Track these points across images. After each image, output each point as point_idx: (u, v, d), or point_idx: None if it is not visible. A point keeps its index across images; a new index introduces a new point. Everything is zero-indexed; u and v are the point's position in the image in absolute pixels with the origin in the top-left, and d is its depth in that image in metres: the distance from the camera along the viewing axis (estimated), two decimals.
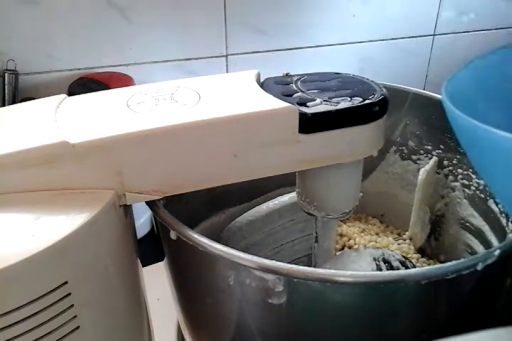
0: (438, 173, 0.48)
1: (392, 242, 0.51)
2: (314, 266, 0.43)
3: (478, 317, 0.35)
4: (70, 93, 0.55)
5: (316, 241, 0.42)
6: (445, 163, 0.47)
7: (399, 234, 0.54)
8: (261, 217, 0.46)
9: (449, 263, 0.28)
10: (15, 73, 0.59)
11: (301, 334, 0.32)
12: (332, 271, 0.28)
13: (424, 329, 0.32)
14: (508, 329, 0.26)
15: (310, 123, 0.31)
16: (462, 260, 0.28)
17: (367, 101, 0.32)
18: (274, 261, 0.28)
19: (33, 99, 0.35)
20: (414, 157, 0.50)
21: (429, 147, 0.48)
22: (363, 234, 0.53)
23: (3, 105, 0.58)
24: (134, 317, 0.34)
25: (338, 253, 0.49)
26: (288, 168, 0.33)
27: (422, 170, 0.47)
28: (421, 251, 0.51)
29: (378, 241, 0.52)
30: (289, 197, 0.46)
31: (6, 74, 0.58)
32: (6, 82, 0.58)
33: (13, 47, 0.59)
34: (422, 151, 0.49)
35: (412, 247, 0.51)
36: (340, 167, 0.34)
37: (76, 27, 0.61)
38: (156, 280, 0.39)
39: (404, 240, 0.52)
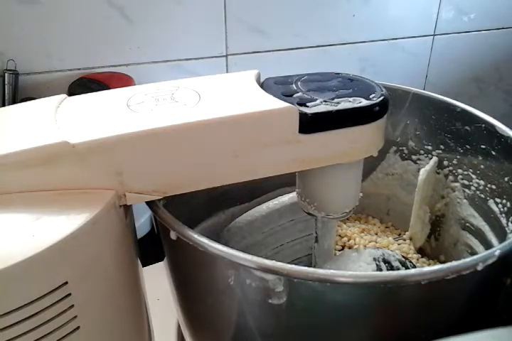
0: (438, 173, 0.48)
1: (392, 242, 0.51)
2: (314, 266, 0.43)
3: (478, 317, 0.35)
4: (70, 93, 0.55)
5: (316, 241, 0.42)
6: (445, 163, 0.47)
7: (399, 234, 0.54)
8: (261, 216, 0.46)
9: (449, 264, 0.28)
10: (15, 73, 0.59)
11: (301, 334, 0.32)
12: (332, 271, 0.28)
13: (424, 330, 0.32)
14: (508, 329, 0.26)
15: (310, 124, 0.31)
16: (462, 260, 0.28)
17: (367, 102, 0.32)
18: (274, 261, 0.28)
19: (33, 99, 0.35)
20: (414, 157, 0.50)
21: (429, 147, 0.48)
22: (362, 234, 0.53)
23: (3, 105, 0.58)
24: (134, 317, 0.34)
25: (338, 253, 0.49)
26: (288, 168, 0.33)
27: (422, 170, 0.47)
28: (421, 251, 0.51)
29: (378, 241, 0.51)
30: (289, 197, 0.46)
31: (6, 74, 0.58)
32: (6, 82, 0.58)
33: (13, 47, 0.59)
34: (422, 151, 0.49)
35: (412, 247, 0.51)
36: (340, 167, 0.34)
37: (76, 27, 0.61)
38: (156, 280, 0.39)
39: (404, 240, 0.52)
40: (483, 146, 0.43)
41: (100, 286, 0.28)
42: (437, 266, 0.28)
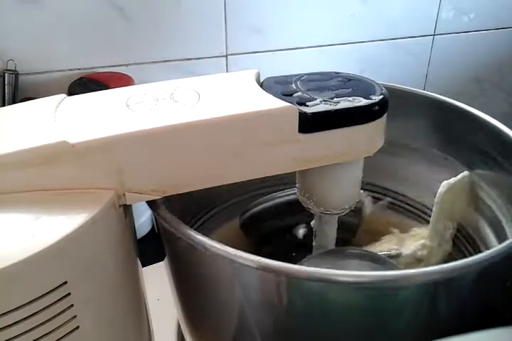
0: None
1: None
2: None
3: (478, 317, 0.35)
4: (70, 93, 0.55)
5: (315, 236, 0.41)
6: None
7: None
8: None
9: (449, 264, 0.28)
10: (15, 73, 0.59)
11: (301, 334, 0.32)
12: (332, 271, 0.28)
13: (424, 330, 0.32)
14: (508, 329, 0.26)
15: (310, 123, 0.31)
16: (462, 260, 0.28)
17: (367, 101, 0.32)
18: (274, 261, 0.28)
19: (33, 99, 0.35)
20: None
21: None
22: None
23: (3, 105, 0.58)
24: (134, 317, 0.34)
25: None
26: (288, 167, 0.33)
27: (444, 183, 0.43)
28: None
29: None
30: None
31: (6, 74, 0.58)
32: (6, 82, 0.58)
33: (13, 47, 0.59)
34: None
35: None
36: (340, 165, 0.34)
37: (76, 27, 0.61)
38: (156, 280, 0.39)
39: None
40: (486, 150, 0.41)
41: (100, 286, 0.28)
42: (437, 266, 0.28)
